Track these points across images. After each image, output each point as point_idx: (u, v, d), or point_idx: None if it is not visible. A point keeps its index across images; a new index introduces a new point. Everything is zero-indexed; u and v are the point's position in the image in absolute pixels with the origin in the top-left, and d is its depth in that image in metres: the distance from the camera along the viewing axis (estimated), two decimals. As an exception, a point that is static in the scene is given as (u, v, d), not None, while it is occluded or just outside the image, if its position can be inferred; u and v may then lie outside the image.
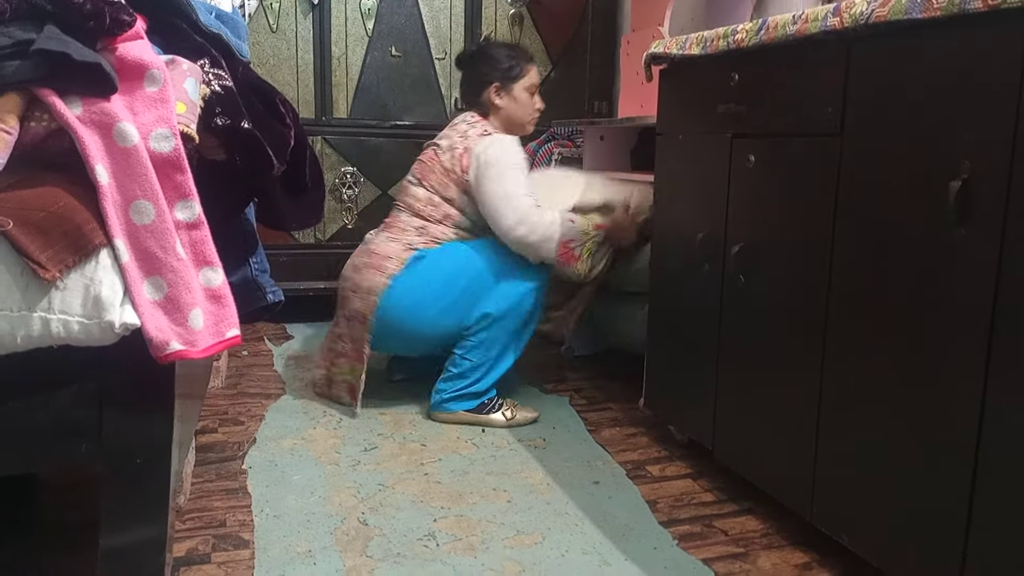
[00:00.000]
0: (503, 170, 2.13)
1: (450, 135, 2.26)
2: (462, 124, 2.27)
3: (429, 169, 2.23)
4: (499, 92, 2.28)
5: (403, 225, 2.20)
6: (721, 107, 1.62)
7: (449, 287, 2.09)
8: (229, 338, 1.07)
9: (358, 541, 1.49)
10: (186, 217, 1.06)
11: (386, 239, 2.18)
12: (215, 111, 1.21)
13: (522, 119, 2.31)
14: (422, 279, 2.09)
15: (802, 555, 1.48)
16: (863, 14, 1.21)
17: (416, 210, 2.21)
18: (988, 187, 1.05)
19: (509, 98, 2.28)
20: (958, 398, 1.10)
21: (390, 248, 2.14)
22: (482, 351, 2.11)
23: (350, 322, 2.14)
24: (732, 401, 1.65)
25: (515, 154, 2.18)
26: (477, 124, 2.26)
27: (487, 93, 2.28)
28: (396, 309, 2.07)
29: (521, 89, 2.29)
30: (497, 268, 2.12)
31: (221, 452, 1.87)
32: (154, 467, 1.06)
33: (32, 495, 1.58)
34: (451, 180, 2.18)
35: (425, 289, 2.08)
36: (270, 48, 2.91)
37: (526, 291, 2.13)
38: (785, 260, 1.47)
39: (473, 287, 2.10)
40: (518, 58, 2.30)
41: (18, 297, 0.93)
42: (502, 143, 2.18)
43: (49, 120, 1.00)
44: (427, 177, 2.23)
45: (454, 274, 2.10)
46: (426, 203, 2.20)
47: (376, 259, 2.12)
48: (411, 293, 2.08)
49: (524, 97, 2.30)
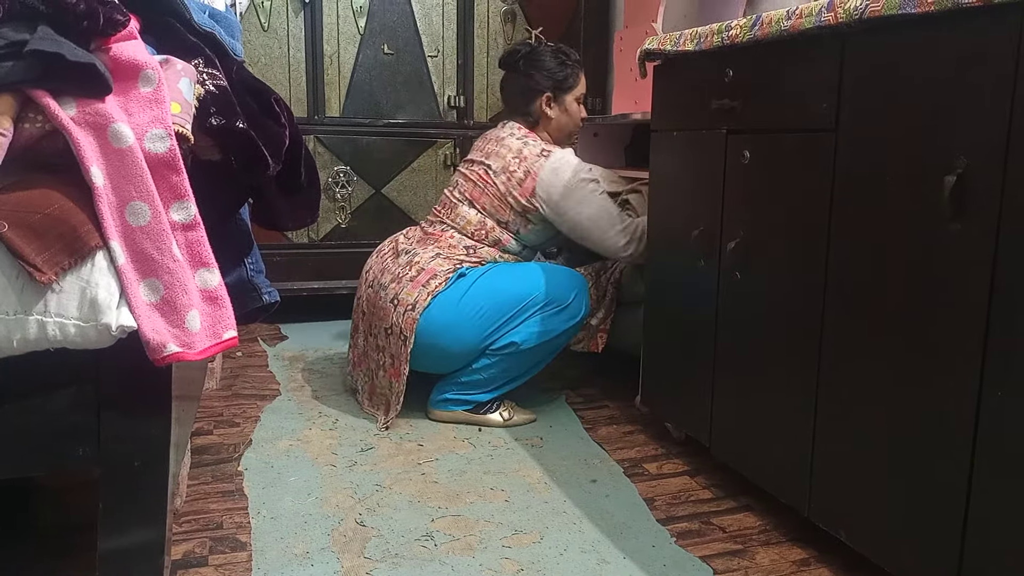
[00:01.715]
0: (587, 192, 2.11)
1: (501, 153, 2.18)
2: (511, 139, 2.20)
3: (480, 191, 2.16)
4: (551, 102, 2.23)
5: (454, 243, 2.14)
6: (716, 103, 1.62)
7: (486, 309, 2.02)
8: (226, 340, 1.07)
9: (355, 542, 1.48)
10: (182, 218, 1.05)
11: (435, 255, 2.10)
12: (210, 111, 1.20)
13: (572, 130, 2.27)
14: (460, 297, 2.01)
15: (800, 551, 1.48)
16: (857, 9, 1.21)
17: (468, 232, 2.16)
18: (983, 182, 1.05)
19: (560, 109, 2.24)
20: (955, 393, 1.11)
21: (439, 266, 2.06)
22: (496, 371, 2.06)
23: (389, 336, 2.04)
24: (729, 398, 1.65)
25: (584, 168, 2.14)
26: (529, 140, 2.19)
27: (538, 103, 2.23)
28: (432, 326, 2.00)
29: (572, 100, 2.26)
30: (535, 299, 2.04)
31: (217, 454, 1.86)
32: (152, 470, 1.05)
33: (29, 499, 1.58)
34: (508, 204, 2.14)
35: (462, 308, 2.01)
36: (261, 47, 2.90)
37: (558, 332, 2.07)
38: (781, 256, 1.48)
39: (508, 312, 2.02)
40: (571, 66, 2.24)
41: (14, 300, 0.93)
42: (568, 162, 2.14)
43: (43, 121, 1.00)
44: (478, 199, 2.17)
45: (493, 296, 2.02)
46: (479, 226, 2.15)
47: (423, 275, 2.04)
48: (448, 311, 2.00)
49: (575, 108, 2.27)
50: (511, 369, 2.08)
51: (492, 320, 2.02)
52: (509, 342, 2.03)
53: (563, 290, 2.08)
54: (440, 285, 2.02)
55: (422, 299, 2.00)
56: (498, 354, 2.04)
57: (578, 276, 2.15)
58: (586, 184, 2.12)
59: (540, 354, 2.10)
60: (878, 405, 1.25)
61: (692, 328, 1.76)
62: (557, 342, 2.10)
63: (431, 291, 2.01)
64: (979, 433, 1.07)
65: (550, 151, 2.17)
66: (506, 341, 2.03)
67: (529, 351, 2.05)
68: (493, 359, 2.05)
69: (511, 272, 2.09)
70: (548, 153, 2.16)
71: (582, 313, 2.11)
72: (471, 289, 2.02)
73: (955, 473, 1.11)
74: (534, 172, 2.12)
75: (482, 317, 2.02)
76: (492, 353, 2.05)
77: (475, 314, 2.01)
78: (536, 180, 2.11)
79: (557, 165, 2.13)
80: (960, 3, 1.04)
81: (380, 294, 2.10)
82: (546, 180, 2.11)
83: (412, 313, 2.00)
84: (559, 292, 2.07)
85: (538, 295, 2.04)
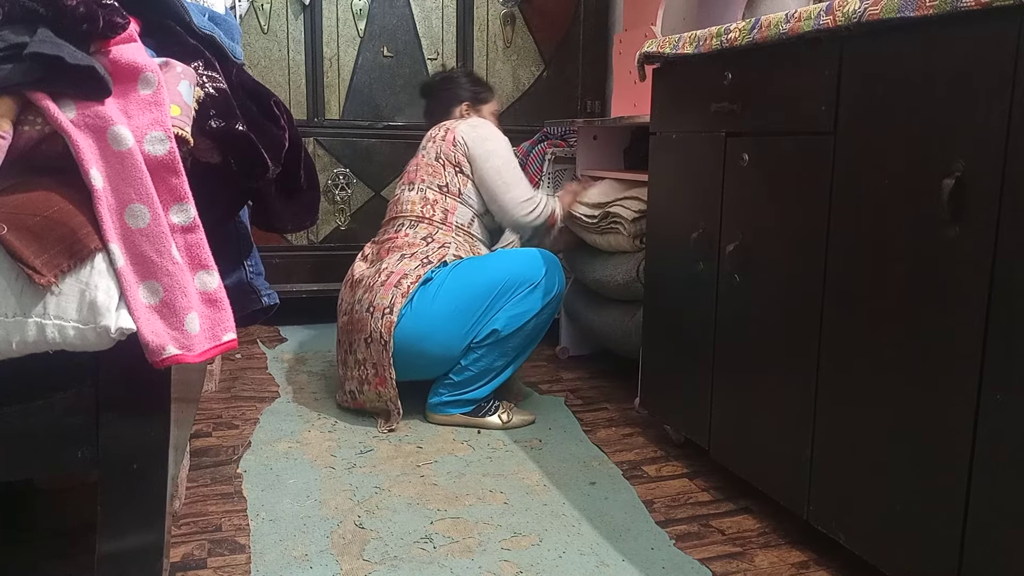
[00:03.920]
0: (498, 144, 2.24)
1: (429, 136, 2.33)
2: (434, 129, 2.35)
3: (415, 171, 2.27)
4: (468, 110, 2.41)
5: (410, 239, 2.16)
6: (715, 106, 1.62)
7: (459, 306, 2.03)
8: (225, 342, 1.07)
9: (354, 544, 1.48)
10: (181, 220, 1.05)
11: (399, 257, 2.11)
12: (209, 113, 1.20)
13: None
14: (431, 302, 2.03)
15: (799, 554, 1.48)
16: (856, 12, 1.22)
17: (415, 214, 2.20)
18: (982, 185, 1.05)
19: (478, 117, 2.39)
20: (953, 397, 1.11)
21: (407, 266, 2.08)
22: (485, 363, 2.08)
23: (370, 345, 2.05)
24: (728, 400, 1.65)
25: (501, 133, 2.29)
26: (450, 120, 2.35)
27: (457, 110, 2.40)
28: (412, 337, 2.01)
29: (488, 112, 2.44)
30: (506, 285, 2.06)
31: (216, 456, 1.86)
32: (151, 472, 1.05)
33: (28, 501, 1.57)
34: (439, 165, 2.22)
35: (436, 312, 2.02)
36: (261, 49, 2.90)
37: (537, 310, 2.08)
38: (779, 259, 1.48)
39: (482, 304, 2.05)
40: (485, 86, 2.48)
41: (13, 303, 0.93)
42: (486, 123, 2.30)
43: (43, 124, 1.00)
44: (415, 178, 2.26)
45: (463, 292, 2.04)
46: (421, 203, 2.20)
47: (393, 277, 2.06)
48: (423, 319, 2.01)
49: (492, 121, 2.41)
50: (500, 357, 2.09)
51: (468, 316, 2.04)
52: (490, 331, 2.05)
53: (531, 269, 2.10)
54: (412, 284, 2.04)
55: (397, 300, 2.02)
56: (483, 346, 2.06)
57: (544, 253, 2.17)
58: (500, 139, 2.26)
59: (525, 336, 2.11)
60: (877, 408, 1.25)
61: (691, 330, 1.76)
62: (539, 320, 2.11)
63: (404, 291, 2.03)
64: (978, 436, 1.07)
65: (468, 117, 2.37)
66: (487, 331, 2.05)
67: (512, 335, 2.07)
68: (479, 351, 2.07)
69: (476, 265, 2.11)
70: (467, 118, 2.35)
71: (556, 287, 2.13)
72: (440, 291, 2.04)
73: (954, 476, 1.11)
74: (452, 128, 2.28)
75: (458, 316, 2.04)
76: (477, 346, 2.07)
77: (450, 314, 2.03)
78: (455, 132, 2.25)
79: (475, 122, 2.31)
80: (958, 6, 1.05)
81: (355, 308, 2.11)
82: (462, 130, 2.26)
83: (390, 316, 2.01)
84: (528, 272, 2.09)
85: (508, 279, 2.07)
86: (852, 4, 1.23)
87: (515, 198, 2.21)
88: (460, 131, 2.24)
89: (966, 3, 1.03)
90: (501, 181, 2.21)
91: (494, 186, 2.21)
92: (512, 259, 2.12)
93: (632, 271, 2.24)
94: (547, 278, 2.11)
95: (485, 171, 2.21)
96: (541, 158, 2.82)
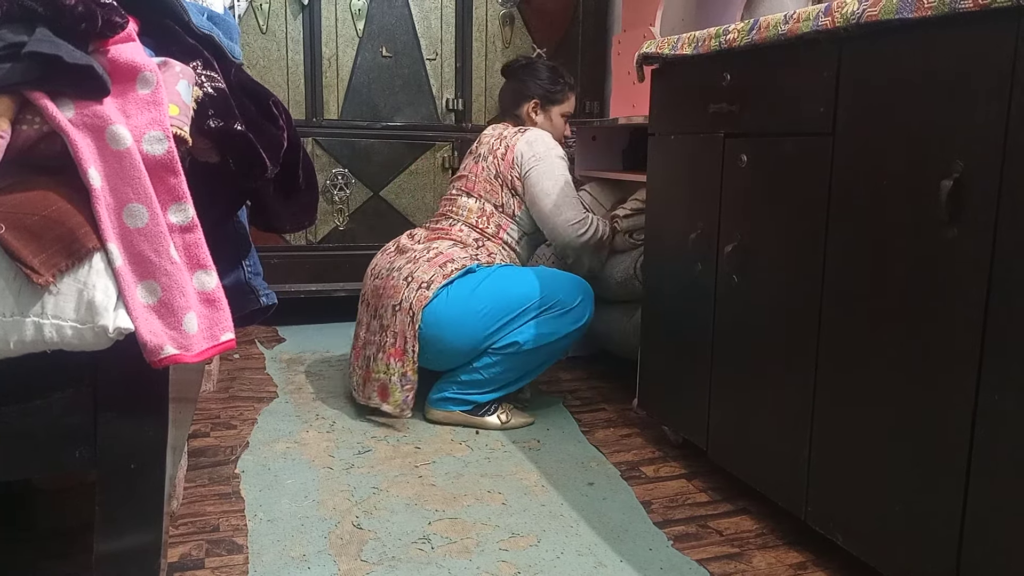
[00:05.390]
0: (555, 167, 2.22)
1: (486, 142, 2.31)
2: (494, 131, 2.33)
3: (474, 181, 2.28)
4: (537, 109, 2.38)
5: (463, 236, 2.20)
6: (713, 107, 1.62)
7: (491, 307, 2.02)
8: (224, 342, 1.07)
9: (352, 545, 1.48)
10: (180, 220, 1.05)
11: (451, 244, 2.15)
12: (208, 113, 1.20)
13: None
14: (469, 294, 2.03)
15: (797, 555, 1.48)
16: (855, 13, 1.22)
17: (470, 222, 2.23)
18: (980, 186, 1.05)
19: (545, 117, 2.39)
20: (951, 397, 1.11)
21: (456, 253, 2.11)
22: (496, 371, 2.07)
23: (396, 313, 2.03)
24: (726, 401, 1.65)
25: (559, 149, 2.28)
26: (510, 127, 2.33)
27: (526, 106, 2.38)
28: (438, 319, 2.01)
29: (558, 113, 2.41)
30: (540, 301, 2.06)
31: (214, 456, 1.86)
32: (149, 472, 1.05)
33: (27, 500, 1.57)
34: (498, 183, 2.23)
35: (469, 304, 2.02)
36: (260, 49, 2.90)
37: (561, 335, 2.07)
38: (778, 259, 1.48)
39: (512, 312, 2.04)
40: (563, 83, 2.41)
41: (11, 302, 0.92)
42: (544, 138, 2.27)
43: (41, 123, 1.00)
44: (473, 189, 2.27)
45: (499, 295, 2.04)
46: (479, 213, 2.23)
47: (441, 258, 2.09)
48: (454, 306, 2.02)
49: (559, 121, 2.41)
50: (512, 370, 2.08)
51: (496, 318, 2.03)
52: (512, 341, 2.04)
53: (568, 294, 2.09)
54: (456, 270, 2.06)
55: (437, 279, 2.04)
56: (500, 353, 2.05)
57: (583, 282, 2.16)
58: (554, 158, 2.24)
59: (541, 356, 2.10)
60: (875, 409, 1.25)
61: (689, 331, 1.76)
62: (559, 345, 2.10)
63: (446, 274, 2.05)
64: (976, 436, 1.07)
65: (527, 128, 2.31)
66: (508, 340, 2.04)
67: (531, 352, 2.05)
68: (495, 358, 2.05)
69: (518, 273, 2.12)
70: (525, 130, 2.30)
71: (586, 318, 2.12)
72: (479, 287, 2.04)
73: (952, 476, 1.11)
74: (512, 145, 2.25)
75: (486, 315, 2.03)
76: (494, 352, 2.05)
77: (480, 311, 2.02)
78: (513, 151, 2.24)
79: (533, 138, 2.26)
80: (957, 8, 1.05)
81: (392, 275, 2.11)
82: (520, 149, 2.24)
83: (425, 292, 2.02)
84: (564, 295, 2.09)
85: (543, 297, 2.06)
86: (851, 5, 1.23)
87: (566, 220, 2.20)
88: (519, 149, 2.24)
89: (965, 4, 1.03)
90: (552, 204, 2.20)
91: (544, 208, 2.21)
92: (554, 279, 2.12)
93: (630, 268, 2.25)
94: (580, 306, 2.11)
95: (535, 193, 2.22)
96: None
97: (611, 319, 2.41)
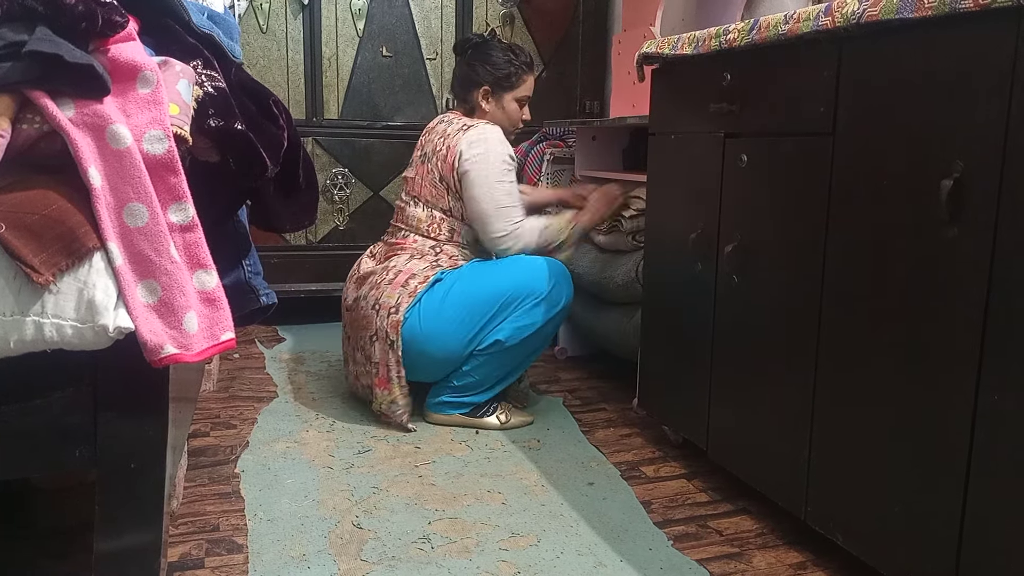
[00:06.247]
0: (490, 173, 2.10)
1: (432, 139, 2.21)
2: (439, 126, 2.23)
3: (421, 184, 2.18)
4: (487, 97, 2.22)
5: (419, 246, 2.13)
6: (713, 107, 1.62)
7: (466, 313, 2.02)
8: (224, 341, 1.06)
9: (352, 544, 1.48)
10: (180, 219, 1.05)
11: (408, 257, 2.10)
12: (208, 112, 1.20)
13: (506, 128, 2.24)
14: (440, 304, 2.02)
15: (797, 555, 1.48)
16: (855, 13, 1.22)
17: (422, 231, 2.16)
18: (980, 186, 1.05)
19: (497, 105, 2.23)
20: (951, 396, 1.11)
21: (415, 266, 2.07)
22: (487, 371, 2.07)
23: (375, 343, 2.04)
24: (726, 401, 1.65)
25: (500, 151, 2.13)
26: (455, 120, 2.21)
27: (476, 93, 2.22)
28: (417, 335, 2.00)
29: (511, 99, 2.24)
30: (512, 296, 2.04)
31: (214, 456, 1.86)
32: (148, 471, 1.05)
33: (27, 499, 1.57)
34: (443, 187, 2.15)
35: (443, 314, 2.01)
36: (260, 49, 2.90)
37: (541, 323, 2.05)
38: (778, 259, 1.48)
39: (487, 313, 2.03)
40: (518, 66, 2.22)
41: (11, 301, 0.92)
42: (487, 137, 2.13)
43: (41, 122, 0.99)
44: (421, 193, 2.18)
45: (470, 298, 2.03)
46: (428, 222, 2.15)
47: (401, 276, 2.05)
48: (430, 319, 2.00)
49: (512, 108, 2.25)
50: (502, 366, 2.08)
51: (473, 323, 2.03)
52: (494, 340, 2.04)
53: (539, 282, 2.06)
54: (420, 285, 2.02)
55: (404, 300, 2.01)
56: (485, 354, 2.05)
57: (555, 264, 2.12)
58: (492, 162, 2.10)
59: (527, 348, 2.09)
60: (875, 409, 1.25)
61: (689, 331, 1.76)
62: (543, 332, 2.09)
63: (411, 291, 2.02)
64: (976, 436, 1.07)
65: (471, 125, 2.17)
66: (491, 340, 2.04)
67: (515, 346, 2.05)
68: (481, 359, 2.06)
69: (485, 271, 2.09)
70: (468, 128, 2.16)
71: (563, 300, 2.09)
72: (449, 295, 2.03)
73: (952, 477, 1.11)
74: (452, 146, 2.13)
75: (462, 322, 2.02)
76: (479, 353, 2.05)
77: (455, 319, 2.01)
78: (454, 152, 2.13)
79: (474, 138, 2.13)
80: (957, 8, 1.05)
81: (360, 304, 2.09)
82: (460, 149, 2.12)
83: (395, 316, 2.00)
84: (535, 284, 2.06)
85: (514, 291, 2.04)
86: (851, 5, 1.23)
87: (492, 231, 2.12)
88: (459, 149, 2.12)
89: (965, 4, 1.03)
90: (479, 211, 2.11)
91: (472, 214, 2.14)
92: (519, 270, 2.08)
93: (631, 272, 2.24)
94: (553, 292, 2.07)
95: (466, 198, 2.13)
96: (540, 159, 2.82)
97: (611, 319, 2.40)
